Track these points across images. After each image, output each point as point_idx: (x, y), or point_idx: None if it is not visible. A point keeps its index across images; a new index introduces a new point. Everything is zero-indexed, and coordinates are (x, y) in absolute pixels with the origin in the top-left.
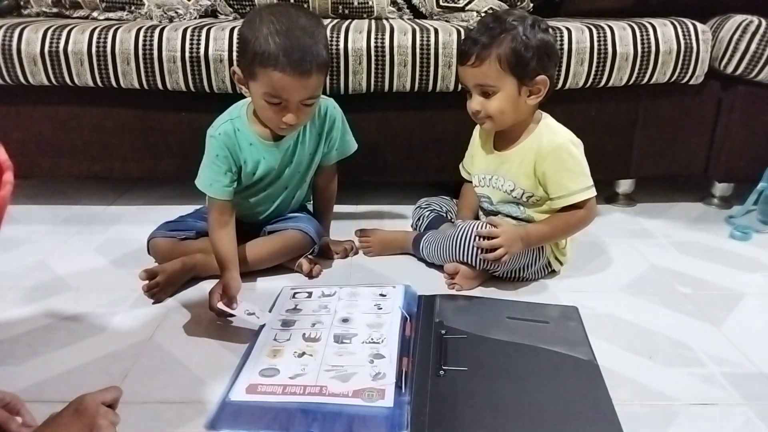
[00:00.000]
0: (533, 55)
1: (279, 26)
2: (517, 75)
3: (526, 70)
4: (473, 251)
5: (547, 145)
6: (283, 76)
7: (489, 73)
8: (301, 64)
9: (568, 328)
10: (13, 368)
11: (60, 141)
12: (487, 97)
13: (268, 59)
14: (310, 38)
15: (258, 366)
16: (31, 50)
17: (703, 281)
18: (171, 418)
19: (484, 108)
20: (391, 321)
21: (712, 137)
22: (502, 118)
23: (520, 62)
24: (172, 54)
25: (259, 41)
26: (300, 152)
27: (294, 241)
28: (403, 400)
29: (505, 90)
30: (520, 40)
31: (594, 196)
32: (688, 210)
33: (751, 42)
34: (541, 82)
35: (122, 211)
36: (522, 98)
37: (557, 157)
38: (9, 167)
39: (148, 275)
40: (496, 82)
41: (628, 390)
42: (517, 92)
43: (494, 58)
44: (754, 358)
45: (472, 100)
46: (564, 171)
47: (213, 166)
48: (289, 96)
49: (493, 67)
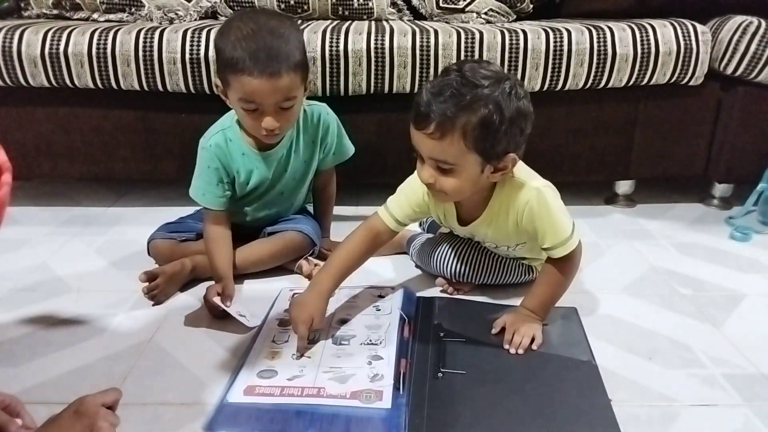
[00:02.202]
0: (506, 130)
1: (246, 31)
2: (482, 153)
3: (494, 148)
4: (451, 270)
5: (520, 205)
6: (251, 79)
7: (449, 150)
8: (268, 65)
9: (567, 330)
10: (13, 369)
11: (60, 142)
12: (443, 173)
13: (236, 64)
14: (280, 38)
15: (256, 367)
16: (32, 52)
17: (703, 282)
18: (170, 420)
19: (438, 182)
20: (389, 322)
21: (712, 138)
22: (459, 195)
23: (488, 139)
24: (172, 55)
25: (227, 49)
26: (294, 161)
27: (294, 243)
28: (401, 402)
29: (465, 169)
30: (493, 113)
31: (579, 243)
32: (688, 211)
33: (750, 43)
34: (509, 159)
35: (122, 213)
36: (484, 175)
37: (535, 214)
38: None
39: (147, 277)
40: (456, 160)
41: (628, 391)
42: (479, 171)
43: (458, 134)
44: (754, 359)
45: (424, 171)
46: (546, 226)
47: (205, 177)
48: (262, 99)
49: (456, 144)
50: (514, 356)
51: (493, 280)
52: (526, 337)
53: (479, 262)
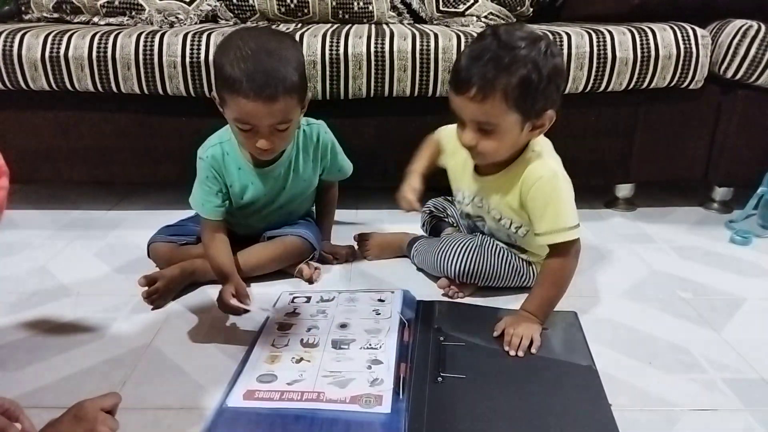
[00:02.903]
0: (544, 88)
1: (245, 51)
2: (523, 111)
3: (534, 106)
4: (452, 270)
5: (532, 177)
6: (247, 102)
7: (492, 111)
8: (265, 88)
9: (567, 334)
10: (12, 374)
11: (60, 146)
12: (485, 134)
13: (233, 84)
14: (278, 61)
15: (256, 372)
16: (32, 55)
17: (703, 286)
18: (170, 425)
19: (479, 144)
20: (389, 326)
21: (712, 142)
22: (499, 155)
23: (529, 98)
24: (173, 59)
25: (225, 67)
26: (294, 179)
27: (294, 247)
28: (401, 406)
29: (507, 128)
30: (532, 72)
31: (578, 239)
32: (688, 214)
33: (750, 46)
34: (547, 117)
35: (122, 216)
36: (524, 134)
37: (542, 192)
38: (5, 172)
39: (147, 281)
40: (498, 120)
41: (628, 396)
42: (519, 129)
43: (500, 95)
44: (754, 364)
45: (466, 134)
46: (549, 206)
47: (204, 187)
48: (257, 121)
49: (498, 104)
50: (515, 361)
51: (496, 281)
52: (524, 339)
53: (483, 262)
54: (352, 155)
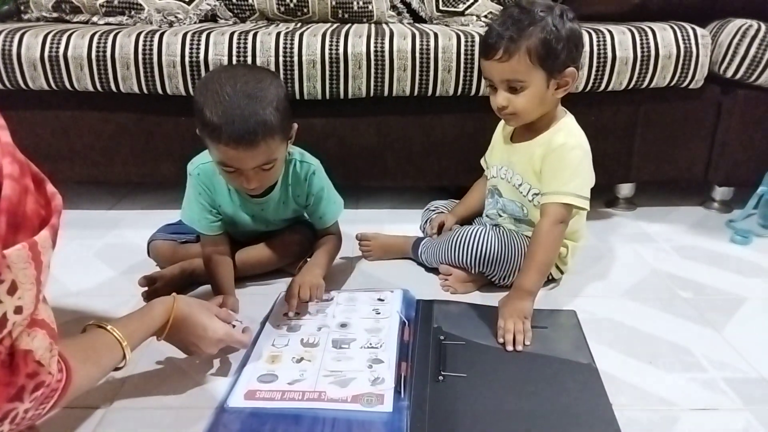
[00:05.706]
0: (563, 46)
1: (222, 96)
2: (546, 68)
3: (556, 63)
4: (467, 255)
5: (556, 142)
6: (228, 149)
7: (518, 68)
8: (244, 136)
9: (567, 333)
10: None
11: (60, 145)
12: (514, 92)
13: (212, 132)
14: (257, 103)
15: (256, 372)
16: (31, 55)
17: (703, 285)
18: (171, 424)
19: (511, 104)
20: (389, 326)
21: (712, 141)
22: (529, 114)
23: (550, 55)
24: (172, 59)
25: (205, 112)
26: (283, 209)
27: (293, 246)
28: (402, 405)
29: (534, 85)
30: (550, 32)
31: (583, 208)
32: (689, 214)
33: (750, 46)
34: (569, 74)
35: (122, 216)
36: (550, 91)
37: (560, 155)
38: (58, 211)
39: (146, 281)
40: (525, 77)
41: (629, 395)
42: (545, 86)
43: (524, 52)
44: (755, 363)
45: (498, 96)
46: (561, 171)
47: (197, 204)
48: (240, 165)
49: (523, 61)
50: (515, 359)
51: (505, 264)
52: (517, 333)
53: (497, 244)
54: (352, 155)
